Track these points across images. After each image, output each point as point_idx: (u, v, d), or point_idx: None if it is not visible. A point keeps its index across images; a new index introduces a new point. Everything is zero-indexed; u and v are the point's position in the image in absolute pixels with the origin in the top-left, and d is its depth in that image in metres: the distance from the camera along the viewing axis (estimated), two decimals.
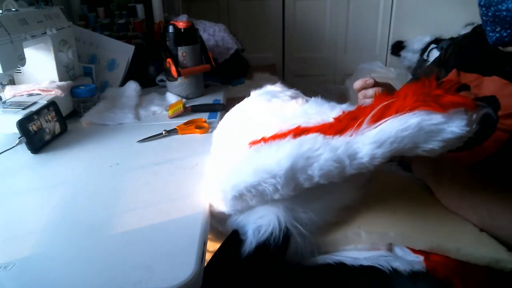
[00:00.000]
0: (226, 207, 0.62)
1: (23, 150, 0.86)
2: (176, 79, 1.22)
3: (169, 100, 1.20)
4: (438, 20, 2.36)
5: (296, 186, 0.56)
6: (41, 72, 1.09)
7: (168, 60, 1.18)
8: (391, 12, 2.47)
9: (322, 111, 0.65)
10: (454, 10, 2.32)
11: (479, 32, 0.80)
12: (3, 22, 0.87)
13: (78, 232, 0.59)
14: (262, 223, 0.60)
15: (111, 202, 0.67)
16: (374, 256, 0.61)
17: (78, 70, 1.22)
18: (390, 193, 0.68)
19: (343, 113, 0.62)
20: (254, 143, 0.62)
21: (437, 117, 0.49)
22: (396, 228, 0.62)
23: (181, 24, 1.19)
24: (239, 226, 0.64)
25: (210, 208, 0.66)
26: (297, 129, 0.61)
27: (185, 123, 1.00)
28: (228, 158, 0.68)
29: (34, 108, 0.92)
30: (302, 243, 0.62)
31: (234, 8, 2.46)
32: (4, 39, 0.86)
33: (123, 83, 1.26)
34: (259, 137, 0.64)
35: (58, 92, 1.02)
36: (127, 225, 0.60)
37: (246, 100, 0.81)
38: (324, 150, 0.53)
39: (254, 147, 0.61)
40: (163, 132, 0.96)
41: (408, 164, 0.72)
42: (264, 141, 0.61)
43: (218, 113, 1.11)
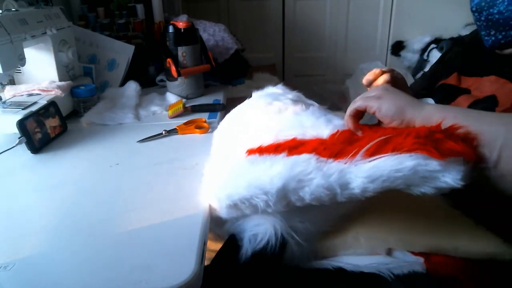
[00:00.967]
0: (222, 214, 0.63)
1: (23, 150, 0.86)
2: (176, 79, 1.22)
3: (169, 100, 1.20)
4: (438, 20, 2.36)
5: (288, 204, 0.56)
6: (41, 72, 1.09)
7: (168, 60, 1.18)
8: (391, 12, 2.47)
9: (318, 125, 0.64)
10: (454, 10, 2.32)
11: (478, 35, 0.80)
12: (3, 22, 0.87)
13: (78, 232, 0.59)
14: (258, 231, 0.60)
15: (111, 202, 0.67)
16: (375, 264, 0.61)
17: (78, 70, 1.22)
18: (387, 198, 0.67)
19: (338, 133, 0.60)
20: (251, 152, 0.62)
21: (434, 164, 0.47)
22: (395, 233, 0.62)
23: (181, 24, 1.19)
24: (236, 232, 0.64)
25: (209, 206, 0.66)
26: (293, 142, 0.61)
27: (185, 123, 1.00)
28: (225, 164, 0.67)
29: (34, 108, 0.92)
30: (298, 252, 0.62)
31: (234, 8, 2.46)
32: (4, 39, 0.86)
33: (123, 83, 1.26)
34: (256, 145, 0.63)
35: (58, 92, 1.02)
36: (127, 225, 0.60)
37: (247, 102, 0.81)
38: (316, 175, 0.53)
39: (250, 158, 0.61)
40: (163, 132, 0.96)
41: None
42: (260, 153, 0.60)
43: (218, 113, 1.11)
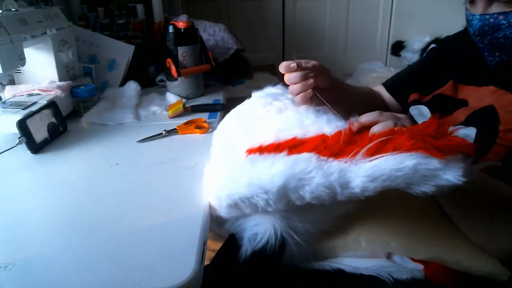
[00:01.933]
0: (222, 213, 0.62)
1: (23, 150, 0.86)
2: (176, 79, 1.22)
3: (169, 100, 1.20)
4: (438, 20, 2.36)
5: (288, 203, 0.56)
6: (41, 72, 1.09)
7: (168, 60, 1.18)
8: (391, 12, 2.48)
9: (319, 124, 0.64)
10: (454, 10, 2.30)
11: (468, 39, 0.77)
12: (3, 22, 0.87)
13: (78, 232, 0.59)
14: (258, 231, 0.60)
15: (111, 202, 0.67)
16: (375, 267, 0.61)
17: (78, 70, 1.22)
18: (390, 203, 0.67)
19: (339, 133, 0.60)
20: (251, 152, 0.62)
21: (434, 163, 0.48)
22: (396, 238, 0.62)
23: (181, 24, 1.19)
24: (236, 231, 0.64)
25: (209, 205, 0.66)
26: (293, 141, 0.61)
27: (185, 123, 1.00)
28: (225, 164, 0.67)
29: (34, 108, 0.92)
30: (297, 252, 0.62)
31: (234, 8, 2.47)
32: (4, 39, 0.86)
33: (123, 83, 1.26)
34: (256, 145, 0.63)
35: (58, 92, 1.02)
36: (127, 225, 0.60)
37: (247, 102, 0.81)
38: (317, 174, 0.53)
39: (250, 157, 0.60)
40: (163, 132, 0.96)
41: None
42: (260, 152, 0.60)
43: (218, 113, 1.11)
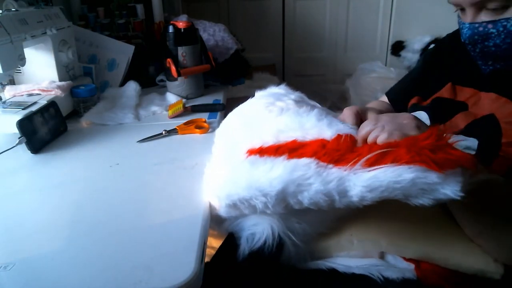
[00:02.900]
0: (221, 213, 0.63)
1: (23, 150, 0.86)
2: (176, 79, 1.22)
3: (169, 100, 1.20)
4: (438, 20, 2.35)
5: (286, 207, 0.56)
6: (41, 72, 1.09)
7: (168, 60, 1.18)
8: (391, 12, 2.47)
9: (319, 127, 0.64)
10: (454, 10, 2.32)
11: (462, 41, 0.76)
12: (3, 22, 0.87)
13: (78, 232, 0.59)
14: (256, 231, 0.61)
15: (111, 202, 0.67)
16: (366, 265, 0.61)
17: (78, 70, 1.22)
18: (383, 203, 0.68)
19: (339, 137, 0.60)
20: (252, 152, 0.62)
21: (433, 177, 0.48)
22: (388, 237, 0.62)
23: (181, 24, 1.19)
24: (235, 230, 0.64)
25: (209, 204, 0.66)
26: (293, 143, 0.61)
27: (185, 123, 1.00)
28: (226, 164, 0.67)
29: (34, 108, 0.92)
30: (294, 252, 0.62)
31: (234, 8, 2.46)
32: (4, 39, 0.86)
33: (123, 83, 1.26)
34: (257, 145, 0.63)
35: (58, 92, 1.02)
36: (127, 225, 0.60)
37: (250, 101, 0.80)
38: (315, 181, 0.53)
39: (250, 159, 0.60)
40: (163, 132, 0.96)
41: None
42: (260, 154, 0.60)
43: (218, 113, 1.11)
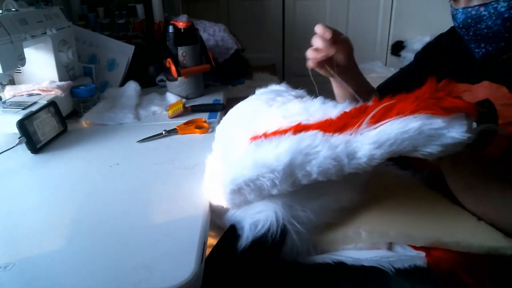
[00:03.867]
0: (225, 201, 0.62)
1: (23, 150, 0.86)
2: (176, 79, 1.22)
3: (169, 100, 1.20)
4: (438, 20, 2.35)
5: (294, 182, 0.56)
6: (41, 72, 1.09)
7: (168, 60, 1.18)
8: (391, 12, 2.47)
9: (324, 109, 0.65)
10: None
11: (456, 38, 0.80)
12: (3, 22, 0.87)
13: (78, 232, 0.59)
14: (260, 218, 0.60)
15: (111, 202, 0.67)
16: (376, 257, 0.61)
17: (78, 70, 1.22)
18: (388, 193, 0.69)
19: (345, 113, 0.62)
20: (255, 138, 0.63)
21: (438, 122, 0.49)
22: (396, 227, 0.62)
23: (181, 24, 1.19)
24: (236, 221, 0.64)
25: (209, 202, 0.66)
26: (298, 126, 0.61)
27: (185, 123, 1.00)
28: (229, 153, 0.68)
29: (34, 108, 0.92)
30: (298, 241, 0.62)
31: (234, 8, 2.46)
32: (4, 39, 0.86)
33: (123, 83, 1.26)
34: (260, 132, 0.64)
35: (58, 92, 1.02)
36: (127, 225, 0.60)
37: (250, 98, 0.81)
38: (323, 147, 0.53)
39: (255, 142, 0.61)
40: (163, 132, 0.96)
41: (405, 163, 0.72)
42: (265, 137, 0.61)
43: (218, 113, 1.11)
